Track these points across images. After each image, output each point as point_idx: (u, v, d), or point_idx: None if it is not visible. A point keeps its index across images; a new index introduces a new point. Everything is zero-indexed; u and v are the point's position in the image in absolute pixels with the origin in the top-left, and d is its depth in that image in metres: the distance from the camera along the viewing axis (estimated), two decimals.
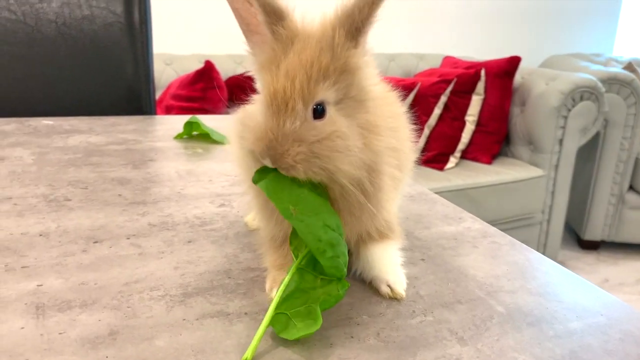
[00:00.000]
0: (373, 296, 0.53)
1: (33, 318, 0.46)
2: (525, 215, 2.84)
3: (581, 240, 3.30)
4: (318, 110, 0.45)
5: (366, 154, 0.47)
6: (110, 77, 1.44)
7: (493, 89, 2.92)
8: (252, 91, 0.52)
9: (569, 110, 2.76)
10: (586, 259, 3.18)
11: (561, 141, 2.81)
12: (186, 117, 1.18)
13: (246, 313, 0.49)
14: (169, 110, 2.53)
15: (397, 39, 3.52)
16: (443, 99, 2.88)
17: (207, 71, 2.57)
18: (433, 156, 2.83)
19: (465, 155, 2.95)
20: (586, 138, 2.90)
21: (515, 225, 2.82)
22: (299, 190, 0.46)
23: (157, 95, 2.67)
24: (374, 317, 0.49)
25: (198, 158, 1.01)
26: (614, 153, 3.06)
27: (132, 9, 1.41)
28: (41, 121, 1.23)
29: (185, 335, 0.45)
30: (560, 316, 0.51)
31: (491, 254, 0.64)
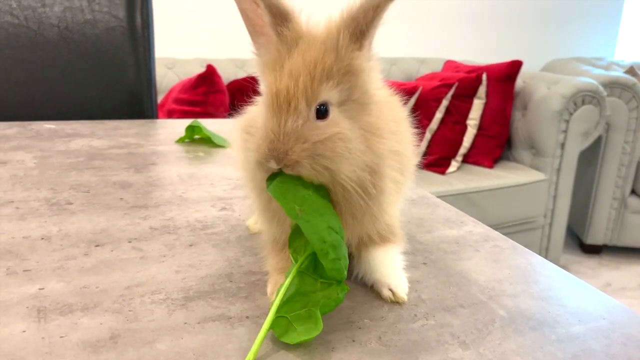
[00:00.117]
0: (375, 300, 0.53)
1: (34, 321, 0.46)
2: (527, 219, 2.84)
3: (583, 244, 3.29)
4: (321, 110, 0.45)
5: (368, 157, 0.47)
6: (112, 81, 1.44)
7: (494, 93, 2.93)
8: (254, 95, 0.53)
9: (571, 114, 2.75)
10: (588, 263, 3.17)
11: (563, 145, 2.81)
12: (188, 121, 1.18)
13: (248, 317, 0.49)
14: (171, 114, 2.53)
15: (399, 43, 3.53)
16: (444, 103, 2.88)
17: (209, 75, 2.58)
18: (435, 160, 2.82)
19: (466, 159, 2.94)
20: (588, 142, 2.90)
21: (517, 229, 2.82)
22: (304, 191, 0.46)
23: (159, 99, 2.68)
24: (376, 321, 0.49)
25: (199, 162, 1.01)
26: (616, 157, 3.05)
27: (134, 14, 1.42)
28: (43, 125, 1.23)
29: (186, 339, 0.45)
30: (562, 320, 0.51)
31: (493, 258, 0.64)
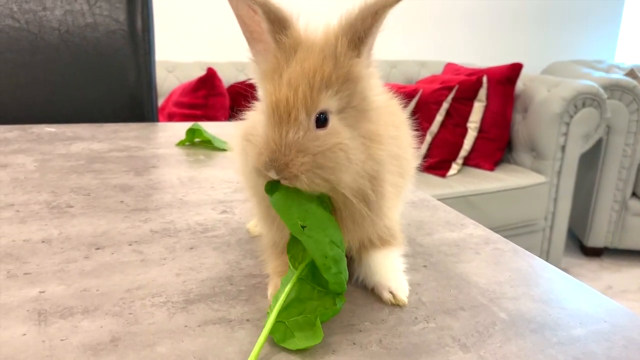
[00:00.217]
0: (375, 303, 0.53)
1: (35, 325, 0.46)
2: (527, 221, 2.83)
3: (584, 247, 3.28)
4: (321, 119, 0.45)
5: (369, 164, 0.47)
6: (112, 85, 1.45)
7: (495, 96, 2.93)
8: (254, 99, 0.53)
9: (571, 116, 2.76)
10: (589, 266, 3.17)
11: (563, 148, 2.81)
12: (188, 124, 1.18)
13: (248, 320, 0.49)
14: (171, 117, 2.54)
15: (399, 46, 3.53)
16: (445, 106, 2.88)
17: (210, 78, 2.58)
18: (435, 163, 2.83)
19: (467, 162, 2.94)
20: (588, 145, 2.90)
21: (517, 232, 2.82)
22: (308, 205, 0.46)
23: (160, 102, 2.68)
24: (376, 324, 0.49)
25: (200, 165, 1.01)
26: (617, 159, 3.05)
27: (135, 17, 1.42)
28: (44, 128, 1.23)
29: (187, 341, 0.45)
30: (563, 323, 0.51)
31: (494, 261, 0.64)
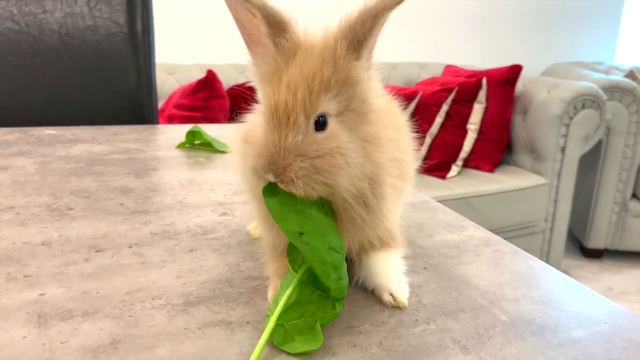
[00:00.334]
0: (375, 305, 0.53)
1: (35, 327, 0.46)
2: (528, 223, 2.83)
3: (584, 248, 3.28)
4: (320, 122, 0.45)
5: (368, 167, 0.47)
6: (112, 87, 1.45)
7: (495, 98, 2.93)
8: (254, 101, 0.53)
9: (571, 118, 2.76)
10: (589, 267, 3.17)
11: (563, 149, 2.81)
12: (188, 126, 1.18)
13: (248, 322, 0.49)
14: (171, 119, 2.54)
15: (399, 48, 3.53)
16: (445, 108, 2.88)
17: (209, 80, 2.59)
18: (435, 165, 2.83)
19: (467, 163, 2.94)
20: (588, 146, 2.90)
21: (518, 233, 2.82)
22: (306, 210, 0.46)
23: (160, 104, 2.68)
24: (377, 326, 0.49)
25: (200, 167, 1.01)
26: (617, 161, 3.05)
27: (135, 19, 1.42)
28: (44, 131, 1.23)
29: (187, 344, 0.45)
30: (563, 325, 0.51)
31: (494, 263, 0.64)
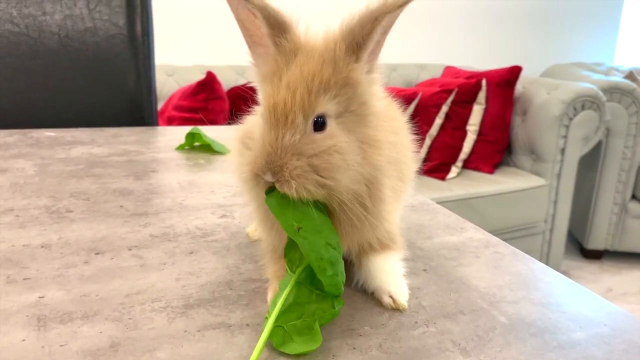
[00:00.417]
0: (375, 307, 0.53)
1: (34, 330, 0.46)
2: (527, 224, 2.83)
3: (584, 249, 3.28)
4: (319, 122, 0.46)
5: (366, 169, 0.47)
6: (112, 89, 1.45)
7: (494, 99, 2.93)
8: (254, 102, 0.53)
9: (571, 119, 2.76)
10: (589, 269, 3.17)
11: (563, 150, 2.81)
12: (188, 128, 1.18)
13: (248, 324, 0.49)
14: (171, 121, 2.54)
15: (398, 49, 3.53)
16: (444, 109, 2.88)
17: (209, 82, 2.59)
18: (435, 166, 2.83)
19: (466, 164, 2.94)
20: (588, 147, 2.90)
21: (517, 235, 2.81)
22: (304, 207, 0.46)
23: (159, 106, 2.68)
24: (376, 328, 0.49)
25: (200, 169, 1.01)
26: (616, 162, 3.05)
27: (134, 21, 1.42)
28: (43, 133, 1.23)
29: (186, 346, 0.45)
30: (563, 326, 0.51)
31: (494, 264, 0.64)
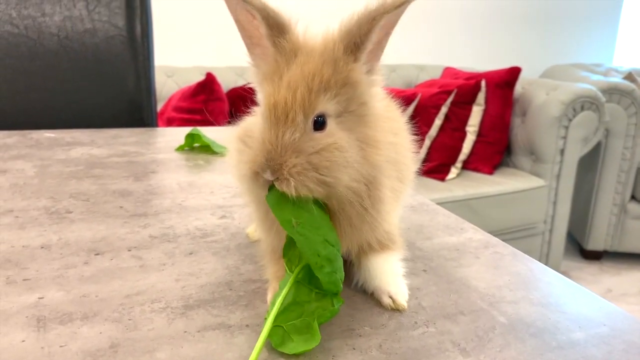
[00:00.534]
0: (375, 307, 0.53)
1: (34, 331, 0.46)
2: (527, 225, 2.83)
3: (584, 250, 3.28)
4: (319, 121, 0.46)
5: (365, 168, 0.47)
6: (112, 90, 1.45)
7: (494, 100, 2.93)
8: (253, 103, 0.53)
9: (570, 120, 2.76)
10: (589, 269, 3.17)
11: (562, 151, 2.81)
12: (187, 129, 1.18)
13: (247, 325, 0.49)
14: (171, 122, 2.54)
15: (398, 50, 3.53)
16: (444, 110, 2.88)
17: (209, 83, 2.59)
18: (434, 167, 2.83)
19: (466, 165, 2.95)
20: (587, 148, 2.90)
21: (517, 235, 2.81)
22: (303, 204, 0.46)
23: (159, 107, 2.68)
24: (376, 329, 0.49)
25: (199, 170, 1.01)
26: (616, 163, 3.06)
27: (134, 22, 1.42)
28: (43, 134, 1.23)
29: (186, 347, 0.45)
30: (562, 327, 0.51)
31: (493, 265, 0.64)
